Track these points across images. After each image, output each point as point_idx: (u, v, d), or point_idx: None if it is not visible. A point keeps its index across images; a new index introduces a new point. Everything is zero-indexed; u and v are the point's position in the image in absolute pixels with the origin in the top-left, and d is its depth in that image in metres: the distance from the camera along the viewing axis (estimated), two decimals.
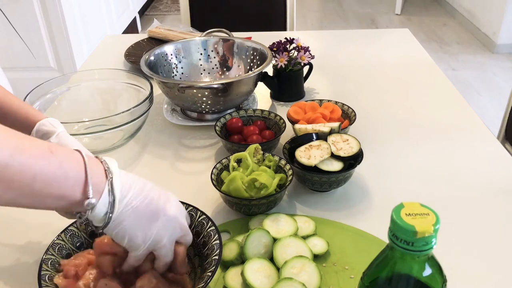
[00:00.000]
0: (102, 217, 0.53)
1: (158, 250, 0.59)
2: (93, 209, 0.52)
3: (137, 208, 0.56)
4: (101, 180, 0.53)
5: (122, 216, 0.54)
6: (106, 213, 0.53)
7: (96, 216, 0.53)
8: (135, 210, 0.55)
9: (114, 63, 1.39)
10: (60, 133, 0.71)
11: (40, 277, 0.60)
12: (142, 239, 0.57)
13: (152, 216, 0.57)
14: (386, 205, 0.77)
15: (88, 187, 0.52)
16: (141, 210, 0.56)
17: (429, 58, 1.40)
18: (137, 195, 0.56)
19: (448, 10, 4.53)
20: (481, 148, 0.98)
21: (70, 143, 0.71)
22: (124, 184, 0.55)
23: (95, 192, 0.52)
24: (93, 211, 0.53)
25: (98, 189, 0.53)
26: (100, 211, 0.53)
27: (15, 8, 2.45)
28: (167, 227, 0.59)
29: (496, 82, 3.22)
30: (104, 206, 0.53)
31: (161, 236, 0.58)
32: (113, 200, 0.53)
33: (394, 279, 0.44)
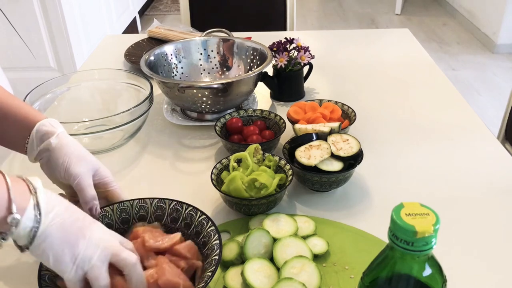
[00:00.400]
0: (27, 233, 0.52)
1: (90, 271, 0.55)
2: (17, 225, 0.51)
3: (63, 223, 0.54)
4: (24, 196, 0.53)
5: (48, 231, 0.53)
6: (31, 228, 0.52)
7: (21, 232, 0.52)
8: (62, 225, 0.54)
9: (114, 63, 1.39)
10: (60, 134, 0.71)
11: (40, 277, 0.60)
12: (70, 257, 0.54)
13: (80, 233, 0.55)
14: (386, 205, 0.77)
15: (12, 203, 0.51)
16: (67, 225, 0.55)
17: (429, 58, 1.40)
18: (63, 210, 0.55)
19: (448, 10, 4.53)
20: (481, 148, 0.98)
21: (70, 143, 0.71)
22: (50, 199, 0.55)
23: (19, 208, 0.51)
24: (18, 227, 0.51)
25: (22, 205, 0.52)
26: (25, 226, 0.52)
27: (15, 8, 2.45)
28: (96, 246, 0.56)
29: (496, 82, 3.22)
30: (29, 220, 0.52)
31: (90, 254, 0.55)
32: (39, 214, 0.53)
33: (394, 279, 0.44)
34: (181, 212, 0.71)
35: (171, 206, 0.72)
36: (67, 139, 0.71)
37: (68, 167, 0.69)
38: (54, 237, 0.53)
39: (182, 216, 0.71)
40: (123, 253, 0.57)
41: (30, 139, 0.71)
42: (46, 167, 0.71)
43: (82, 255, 0.55)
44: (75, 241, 0.55)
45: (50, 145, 0.70)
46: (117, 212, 0.71)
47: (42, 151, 0.70)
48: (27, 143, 0.72)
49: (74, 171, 0.69)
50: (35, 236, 0.52)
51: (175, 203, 0.72)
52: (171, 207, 0.71)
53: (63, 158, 0.69)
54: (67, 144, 0.71)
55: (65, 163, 0.69)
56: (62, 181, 0.71)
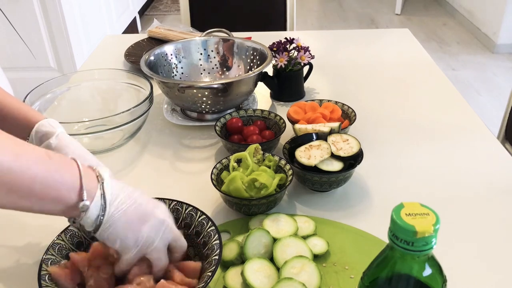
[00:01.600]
0: (94, 220, 0.56)
1: (150, 254, 0.60)
2: (86, 211, 0.55)
3: (126, 211, 0.58)
4: (93, 185, 0.56)
5: (112, 218, 0.57)
6: (98, 216, 0.56)
7: (88, 219, 0.56)
8: (125, 213, 0.57)
9: (114, 63, 1.39)
10: (60, 134, 0.71)
11: (40, 277, 0.60)
12: (134, 240, 0.58)
13: (142, 218, 0.59)
14: (386, 205, 0.77)
15: (83, 190, 0.55)
16: (130, 212, 0.58)
17: (429, 58, 1.40)
18: (126, 198, 0.58)
19: (448, 10, 4.53)
20: (481, 148, 0.98)
21: (70, 144, 0.71)
22: (114, 189, 0.58)
23: (89, 196, 0.55)
24: (86, 214, 0.55)
25: (91, 193, 0.55)
26: (92, 214, 0.55)
27: (15, 8, 2.45)
28: (158, 230, 0.60)
29: (496, 82, 3.22)
30: (96, 209, 0.56)
31: (152, 238, 0.59)
32: (105, 203, 0.56)
33: (394, 279, 0.44)
34: (181, 212, 0.71)
35: (171, 206, 0.72)
36: (67, 140, 0.71)
37: None
38: (117, 224, 0.57)
39: (182, 216, 0.71)
40: (180, 239, 0.64)
41: (30, 140, 0.71)
42: None
43: (144, 240, 0.59)
44: (138, 227, 0.58)
45: (50, 146, 0.70)
46: None
47: None
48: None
49: None
50: (101, 223, 0.56)
51: (175, 203, 0.72)
52: (171, 207, 0.71)
53: None
54: (67, 144, 0.71)
55: None
56: None
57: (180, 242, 0.64)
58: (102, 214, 0.56)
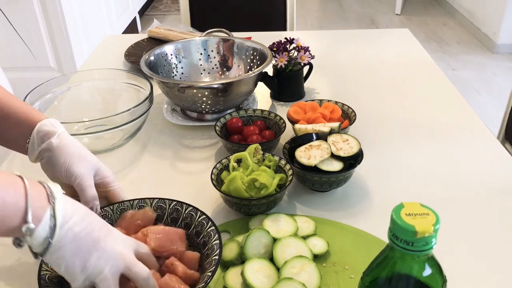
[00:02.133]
0: (41, 242, 0.52)
1: (99, 284, 0.56)
2: (31, 234, 0.51)
3: (77, 235, 0.54)
4: (42, 205, 0.52)
5: (62, 242, 0.53)
6: (45, 238, 0.52)
7: (35, 241, 0.52)
8: (75, 237, 0.54)
9: (114, 63, 1.39)
10: (61, 134, 0.71)
11: (40, 277, 0.60)
12: (81, 268, 0.54)
13: (93, 246, 0.55)
14: (386, 205, 0.77)
15: (28, 212, 0.51)
16: (81, 237, 0.54)
17: (429, 58, 1.40)
18: (79, 222, 0.55)
19: (448, 10, 4.53)
20: (481, 148, 0.98)
21: (71, 143, 0.71)
22: (67, 210, 0.54)
23: (35, 217, 0.51)
24: (32, 236, 0.51)
25: (39, 214, 0.52)
26: (39, 236, 0.52)
27: (15, 8, 2.45)
28: (107, 259, 0.56)
29: (496, 82, 3.22)
30: (44, 231, 0.52)
31: (100, 267, 0.55)
32: (54, 225, 0.52)
33: (394, 279, 0.44)
34: (181, 212, 0.71)
35: (171, 206, 0.72)
36: (68, 139, 0.71)
37: (69, 167, 0.69)
38: (66, 249, 0.53)
39: (182, 216, 0.71)
40: (135, 267, 0.57)
41: (31, 139, 0.71)
42: (47, 167, 0.71)
43: (92, 268, 0.55)
44: (87, 254, 0.55)
45: (51, 145, 0.70)
46: (117, 212, 0.71)
47: (43, 151, 0.70)
48: (28, 143, 0.72)
49: (75, 171, 0.69)
50: (49, 246, 0.52)
51: (175, 203, 0.72)
52: (171, 207, 0.72)
53: (64, 158, 0.69)
54: (68, 144, 0.71)
55: (66, 163, 0.69)
56: (63, 181, 0.70)
57: (136, 269, 0.57)
58: (51, 236, 0.52)
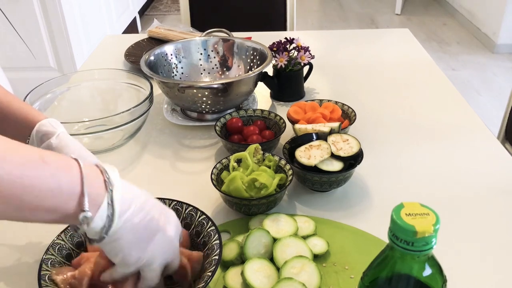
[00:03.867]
0: (98, 230, 0.50)
1: (147, 272, 0.56)
2: (88, 223, 0.49)
3: (136, 226, 0.52)
4: (99, 192, 0.50)
5: (120, 232, 0.51)
6: (103, 227, 0.50)
7: (92, 229, 0.50)
8: (134, 228, 0.52)
9: (114, 63, 1.39)
10: (61, 134, 0.71)
11: (40, 277, 0.60)
12: (136, 259, 0.54)
13: (150, 236, 0.54)
14: (386, 205, 0.77)
15: (84, 199, 0.48)
16: (140, 228, 0.53)
17: (429, 58, 1.40)
18: (138, 211, 0.53)
19: (448, 10, 4.53)
20: (481, 148, 0.98)
21: (71, 144, 0.71)
22: (125, 198, 0.52)
23: (92, 204, 0.49)
24: (90, 225, 0.49)
25: (96, 202, 0.49)
26: (96, 225, 0.49)
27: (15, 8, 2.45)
28: (163, 250, 0.56)
29: (496, 82, 3.22)
30: (101, 220, 0.49)
31: (155, 258, 0.56)
32: (112, 214, 0.50)
33: (394, 279, 0.44)
34: (181, 212, 0.71)
35: (171, 206, 0.72)
36: (67, 139, 0.71)
37: None
38: (124, 239, 0.52)
39: (182, 216, 0.71)
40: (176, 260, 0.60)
41: (31, 139, 0.71)
42: None
43: (147, 259, 0.55)
44: (144, 245, 0.54)
45: (50, 146, 0.69)
46: None
47: None
48: (27, 143, 0.71)
49: None
50: (106, 235, 0.50)
51: (175, 203, 0.72)
52: (171, 207, 0.71)
53: None
54: (68, 144, 0.70)
55: None
56: None
57: (176, 262, 0.59)
58: (109, 225, 0.50)
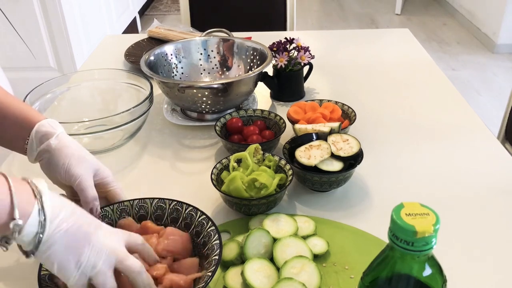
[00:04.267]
0: (31, 239, 0.51)
1: (95, 278, 0.55)
2: (20, 231, 0.50)
3: (68, 230, 0.53)
4: (28, 201, 0.51)
5: (53, 238, 0.52)
6: (36, 233, 0.51)
7: (24, 237, 0.51)
8: (67, 232, 0.53)
9: (114, 63, 1.39)
10: (60, 134, 0.71)
11: (40, 277, 0.60)
12: (74, 264, 0.54)
13: (85, 239, 0.54)
14: (386, 205, 0.77)
15: (14, 208, 0.50)
16: (72, 232, 0.54)
17: (429, 58, 1.40)
18: (68, 216, 0.54)
19: (448, 10, 4.53)
20: (481, 148, 0.98)
21: (70, 144, 0.71)
22: (55, 205, 0.53)
23: (22, 213, 0.50)
24: (21, 233, 0.50)
25: (26, 211, 0.51)
26: (29, 232, 0.51)
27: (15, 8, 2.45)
28: (100, 252, 0.55)
29: (496, 82, 3.22)
30: (33, 226, 0.51)
31: (95, 261, 0.55)
32: (44, 219, 0.51)
33: (394, 279, 0.44)
34: (181, 212, 0.71)
35: (171, 206, 0.72)
36: (67, 140, 0.71)
37: (69, 168, 0.69)
38: (59, 244, 0.52)
39: (182, 216, 0.71)
40: (127, 261, 0.57)
41: (30, 140, 0.71)
42: (46, 168, 0.71)
43: (86, 262, 0.54)
44: (80, 248, 0.54)
45: (50, 146, 0.69)
46: (117, 212, 0.71)
47: (42, 152, 0.70)
48: (26, 143, 0.71)
49: (75, 172, 0.69)
50: (40, 242, 0.51)
51: (175, 203, 0.72)
52: (171, 207, 0.72)
53: (64, 160, 0.69)
54: (67, 145, 0.70)
55: (65, 165, 0.69)
56: (63, 182, 0.70)
57: (127, 263, 0.57)
58: (41, 231, 0.51)
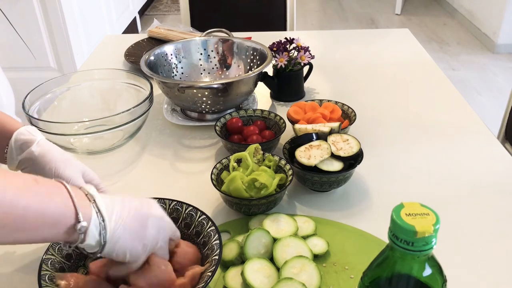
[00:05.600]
0: (97, 240, 0.54)
1: (157, 252, 0.60)
2: (86, 232, 0.53)
3: (127, 222, 0.56)
4: (86, 204, 0.54)
5: (116, 234, 0.55)
6: (99, 234, 0.54)
7: (91, 239, 0.53)
8: (126, 224, 0.56)
9: (114, 63, 1.39)
10: (40, 141, 0.69)
11: (40, 277, 0.60)
12: (142, 248, 0.58)
13: (143, 223, 0.58)
14: (386, 205, 0.77)
15: (78, 212, 0.52)
16: (131, 222, 0.57)
17: (429, 58, 1.40)
18: (122, 209, 0.57)
19: (448, 10, 4.53)
20: (481, 148, 0.98)
21: (53, 150, 0.69)
22: (107, 204, 0.56)
23: (84, 216, 0.53)
24: (87, 235, 0.53)
25: (86, 213, 0.53)
26: (93, 234, 0.53)
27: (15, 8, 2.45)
28: (159, 229, 0.60)
29: (496, 82, 3.22)
30: (96, 227, 0.53)
31: (156, 239, 0.60)
32: (103, 220, 0.54)
33: (394, 279, 0.44)
34: (181, 212, 0.71)
35: (171, 206, 0.72)
36: (48, 146, 0.69)
37: (57, 172, 0.67)
38: (125, 237, 0.56)
39: (182, 216, 0.71)
40: (177, 231, 0.64)
41: (9, 148, 0.69)
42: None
43: (151, 243, 0.59)
44: (142, 233, 0.58)
45: (32, 154, 0.68)
46: None
47: (24, 161, 0.68)
48: (5, 153, 0.70)
49: (65, 174, 0.67)
50: (106, 241, 0.54)
51: (175, 203, 0.72)
52: (171, 207, 0.72)
53: (50, 165, 0.67)
54: (50, 150, 0.69)
55: (53, 169, 0.67)
56: None
57: (177, 234, 0.65)
58: (104, 231, 0.54)
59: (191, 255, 0.66)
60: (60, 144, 0.94)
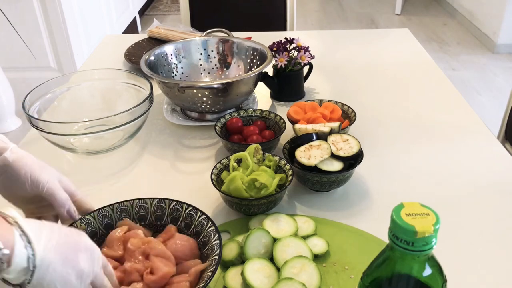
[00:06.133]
0: (24, 266, 0.48)
1: (95, 280, 0.55)
2: (9, 260, 0.46)
3: (57, 245, 0.51)
4: (6, 228, 0.48)
5: (47, 257, 0.50)
6: (27, 259, 0.48)
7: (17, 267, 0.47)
8: (57, 248, 0.51)
9: (114, 63, 1.39)
10: (13, 148, 0.67)
11: None
12: (75, 274, 0.52)
13: (76, 248, 0.53)
14: (386, 205, 0.77)
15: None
16: (62, 245, 0.52)
17: (429, 58, 1.40)
18: (51, 232, 0.52)
19: (448, 10, 4.53)
20: (481, 148, 0.98)
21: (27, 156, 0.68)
22: (33, 226, 0.51)
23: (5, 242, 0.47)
24: (11, 262, 0.47)
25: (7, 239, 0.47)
26: (21, 260, 0.47)
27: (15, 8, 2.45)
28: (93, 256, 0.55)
29: (496, 82, 3.22)
30: (22, 252, 0.48)
31: (91, 265, 0.55)
32: (29, 242, 0.49)
33: (394, 279, 0.44)
34: (181, 212, 0.71)
35: (171, 206, 0.72)
36: (22, 152, 0.68)
37: (33, 176, 0.66)
38: (56, 261, 0.50)
39: (182, 216, 0.71)
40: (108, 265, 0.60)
41: None
42: (5, 184, 0.67)
43: (86, 269, 0.54)
44: (75, 258, 0.53)
45: (6, 160, 0.66)
46: (117, 212, 0.71)
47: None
48: None
49: (41, 177, 0.66)
50: (35, 266, 0.48)
51: (175, 203, 0.72)
52: (171, 207, 0.72)
53: (25, 169, 0.66)
54: (24, 156, 0.67)
55: (28, 173, 0.66)
56: (24, 194, 0.66)
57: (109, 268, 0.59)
58: (32, 254, 0.48)
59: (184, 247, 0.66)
60: (60, 144, 0.94)
